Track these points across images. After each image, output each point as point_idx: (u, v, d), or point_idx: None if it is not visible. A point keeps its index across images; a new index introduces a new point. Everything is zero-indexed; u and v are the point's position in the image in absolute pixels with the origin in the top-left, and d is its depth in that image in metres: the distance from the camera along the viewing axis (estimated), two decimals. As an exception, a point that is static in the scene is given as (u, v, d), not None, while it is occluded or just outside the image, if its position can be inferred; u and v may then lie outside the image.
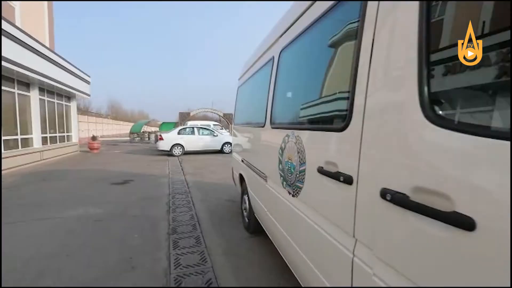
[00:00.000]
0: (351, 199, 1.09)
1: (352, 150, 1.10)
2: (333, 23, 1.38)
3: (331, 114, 1.38)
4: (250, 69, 3.66)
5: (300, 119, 1.77)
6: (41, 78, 9.11)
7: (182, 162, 10.29)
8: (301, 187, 1.59)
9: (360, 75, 1.06)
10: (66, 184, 6.38)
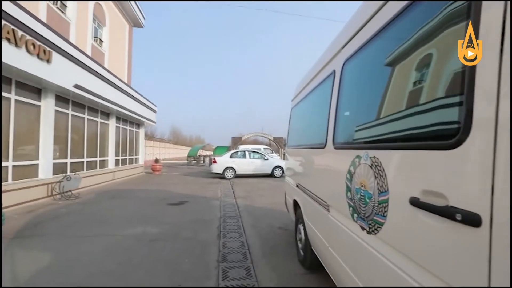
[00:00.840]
0: (477, 249, 0.73)
1: (474, 176, 0.76)
2: (422, 19, 1.11)
3: (429, 126, 1.03)
4: (305, 88, 3.48)
5: (377, 136, 1.45)
6: (119, 109, 10.63)
7: (234, 185, 10.37)
8: (382, 222, 1.24)
9: (482, 73, 0.76)
10: (130, 202, 6.90)
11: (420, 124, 1.08)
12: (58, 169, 7.53)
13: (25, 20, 5.48)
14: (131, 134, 14.04)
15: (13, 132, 6.00)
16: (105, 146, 10.96)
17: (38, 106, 6.80)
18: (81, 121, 9.06)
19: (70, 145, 8.31)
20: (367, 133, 1.57)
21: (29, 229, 4.44)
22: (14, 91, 6.01)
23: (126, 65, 14.73)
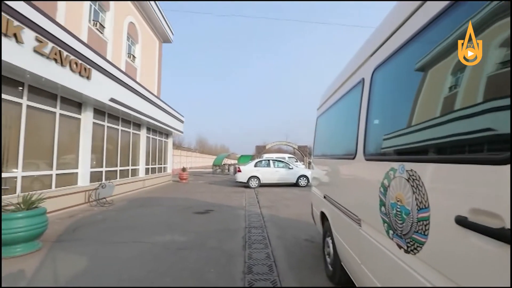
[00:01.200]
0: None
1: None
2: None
3: (480, 136, 0.92)
4: (332, 97, 3.40)
5: (414, 147, 1.35)
6: (150, 120, 11.22)
7: (258, 194, 10.32)
8: (423, 241, 1.14)
9: None
10: (159, 210, 7.14)
11: (468, 134, 0.97)
12: (94, 177, 8.05)
13: (70, 41, 6.05)
14: (160, 144, 14.68)
15: (57, 143, 6.55)
16: (136, 155, 11.55)
17: (78, 119, 7.40)
18: (115, 132, 9.67)
19: (105, 155, 8.87)
20: (402, 144, 1.48)
21: (68, 234, 4.75)
22: (59, 106, 6.61)
23: (156, 78, 15.58)
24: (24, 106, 5.59)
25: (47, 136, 6.32)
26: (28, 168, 5.72)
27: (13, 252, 3.71)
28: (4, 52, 4.42)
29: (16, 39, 4.61)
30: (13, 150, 5.38)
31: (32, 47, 4.96)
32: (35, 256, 3.69)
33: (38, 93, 5.97)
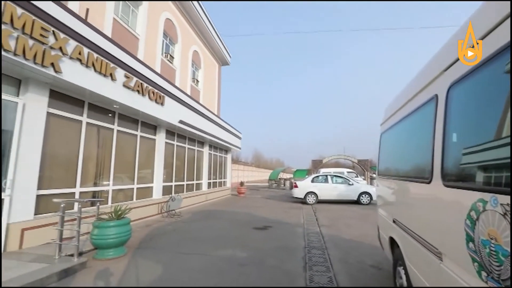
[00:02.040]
0: None
1: None
2: None
3: None
4: (398, 112, 3.17)
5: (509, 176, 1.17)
6: (212, 138, 12.17)
7: (316, 212, 9.96)
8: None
9: None
10: (221, 223, 7.53)
11: None
12: (165, 191, 9.01)
13: (148, 74, 7.12)
14: (220, 160, 15.65)
15: (138, 161, 7.63)
16: (200, 170, 12.53)
17: (154, 139, 8.51)
18: (183, 150, 10.74)
19: (174, 171, 9.90)
20: (494, 172, 1.29)
21: (146, 242, 5.40)
22: (139, 129, 7.75)
23: (216, 98, 16.89)
24: (115, 130, 6.74)
25: (130, 155, 7.42)
26: (116, 182, 6.78)
27: (106, 255, 4.39)
28: (102, 88, 5.48)
29: (111, 78, 5.68)
30: (106, 167, 6.48)
31: (122, 82, 6.03)
32: (122, 260, 4.29)
33: (124, 119, 7.12)
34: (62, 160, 5.32)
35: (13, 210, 4.26)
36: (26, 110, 4.45)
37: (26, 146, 4.45)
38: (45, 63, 4.22)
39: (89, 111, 5.87)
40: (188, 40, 12.83)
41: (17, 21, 3.82)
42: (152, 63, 9.21)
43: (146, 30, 9.13)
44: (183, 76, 12.13)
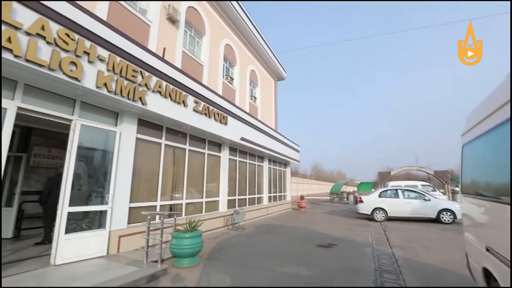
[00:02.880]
0: None
1: None
2: None
3: None
4: (487, 120, 2.77)
5: None
6: (271, 152, 12.50)
7: (387, 230, 9.06)
8: None
9: None
10: (283, 238, 7.55)
11: None
12: (230, 204, 9.55)
13: (213, 98, 7.88)
14: (279, 173, 15.80)
15: (206, 177, 8.35)
16: (261, 184, 12.89)
17: (219, 156, 9.22)
18: (244, 165, 11.28)
19: (237, 185, 10.44)
20: None
21: (215, 253, 5.80)
22: (207, 147, 8.53)
23: (273, 113, 17.33)
24: (187, 150, 7.59)
25: (199, 171, 8.19)
26: (188, 196, 7.55)
27: (182, 263, 4.89)
28: (176, 114, 6.30)
29: (183, 104, 6.51)
30: (180, 183, 7.30)
31: (192, 107, 6.84)
32: (196, 269, 4.72)
33: (194, 139, 7.97)
34: (146, 177, 6.25)
35: (113, 220, 5.18)
36: (122, 137, 5.45)
37: (122, 166, 5.41)
38: (135, 98, 5.14)
39: (166, 134, 6.80)
40: (245, 61, 13.70)
41: (117, 67, 4.80)
42: (214, 86, 10.14)
43: (209, 57, 10.16)
44: (242, 95, 12.92)
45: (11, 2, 3.43)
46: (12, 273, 3.95)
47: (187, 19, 9.11)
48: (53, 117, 4.50)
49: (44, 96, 4.35)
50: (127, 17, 6.67)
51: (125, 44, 5.04)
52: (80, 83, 4.19)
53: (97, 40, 4.50)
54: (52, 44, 3.84)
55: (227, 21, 11.92)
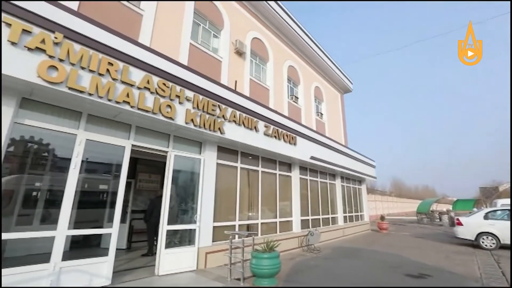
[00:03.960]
0: None
1: None
2: None
3: None
4: None
5: None
6: (343, 169, 11.97)
7: (501, 262, 7.33)
8: None
9: None
10: (364, 264, 6.97)
11: None
12: (303, 225, 9.44)
13: (281, 120, 8.21)
14: (354, 191, 14.81)
15: (278, 197, 8.56)
16: (334, 204, 12.33)
17: (289, 176, 9.36)
18: (315, 184, 11.08)
19: (310, 205, 10.27)
20: None
21: (292, 275, 5.79)
22: (278, 168, 8.81)
23: (341, 128, 16.66)
24: (259, 171, 8.02)
25: (272, 192, 8.47)
26: (263, 216, 7.85)
27: (262, 283, 5.06)
28: (249, 139, 6.81)
29: (255, 130, 7.01)
30: (255, 203, 7.69)
31: (263, 132, 7.30)
32: (276, 291, 4.82)
33: (266, 161, 8.36)
34: (226, 199, 6.83)
35: (201, 237, 5.83)
36: (205, 163, 6.21)
37: (206, 189, 6.12)
38: (215, 129, 5.86)
39: (241, 157, 7.39)
40: (309, 78, 13.84)
41: (200, 104, 5.62)
42: (280, 107, 10.54)
43: (273, 81, 10.71)
44: (308, 112, 12.96)
45: (128, 67, 4.52)
46: (127, 279, 4.86)
47: (252, 49, 9.95)
48: (154, 150, 5.52)
49: (148, 134, 5.41)
50: (203, 57, 7.76)
51: (205, 84, 5.88)
52: (174, 121, 5.08)
53: (185, 84, 5.41)
54: (154, 93, 4.82)
55: (288, 44, 12.45)
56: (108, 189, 5.08)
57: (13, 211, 4.14)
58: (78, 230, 4.36)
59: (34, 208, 4.38)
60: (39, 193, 4.48)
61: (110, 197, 4.94)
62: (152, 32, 6.51)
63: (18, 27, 3.43)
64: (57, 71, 3.70)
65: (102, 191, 5.48)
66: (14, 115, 3.75)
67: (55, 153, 4.44)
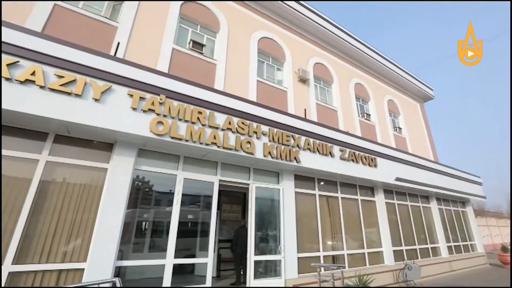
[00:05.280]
0: None
1: None
2: None
3: None
4: None
5: None
6: (437, 190, 10.30)
7: None
8: None
9: None
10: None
11: None
12: (397, 257, 8.29)
13: (356, 142, 7.82)
14: (456, 215, 12.37)
15: (363, 224, 7.87)
16: (432, 231, 10.51)
17: (373, 201, 8.57)
18: (405, 208, 9.78)
19: (401, 233, 9.04)
20: None
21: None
22: (358, 193, 8.23)
23: (427, 141, 14.63)
24: (339, 198, 7.64)
25: (355, 219, 7.88)
26: (349, 247, 7.29)
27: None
28: (324, 165, 6.67)
29: (330, 155, 6.87)
30: (338, 232, 7.26)
31: (338, 156, 7.07)
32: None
33: (345, 186, 7.95)
34: (307, 228, 6.68)
35: (286, 269, 5.77)
36: (284, 192, 6.33)
37: (287, 219, 6.15)
38: (291, 159, 6.00)
39: (318, 184, 7.24)
40: (379, 93, 12.96)
41: (275, 137, 5.91)
42: (351, 128, 10.06)
43: (340, 101, 10.43)
44: (383, 129, 11.95)
45: (213, 112, 5.20)
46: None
47: (315, 74, 10.08)
48: (238, 183, 5.97)
49: (231, 169, 5.93)
50: (270, 91, 8.26)
51: (278, 117, 6.21)
52: (253, 156, 5.46)
53: (260, 120, 5.84)
54: (235, 132, 5.36)
55: (352, 62, 12.15)
56: (199, 219, 5.66)
57: (130, 240, 5.00)
58: (183, 259, 4.95)
59: (144, 237, 5.21)
60: (147, 224, 5.32)
61: (201, 227, 5.50)
62: (225, 77, 7.38)
63: (136, 96, 4.44)
64: (162, 125, 4.56)
65: (195, 222, 6.14)
66: (134, 163, 4.70)
67: (160, 190, 5.31)
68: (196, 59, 7.10)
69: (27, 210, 3.74)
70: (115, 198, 4.33)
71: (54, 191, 4.04)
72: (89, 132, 4.27)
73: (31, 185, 3.85)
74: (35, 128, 4.08)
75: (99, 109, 4.10)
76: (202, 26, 7.71)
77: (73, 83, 3.97)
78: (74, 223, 4.05)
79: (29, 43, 3.82)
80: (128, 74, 4.49)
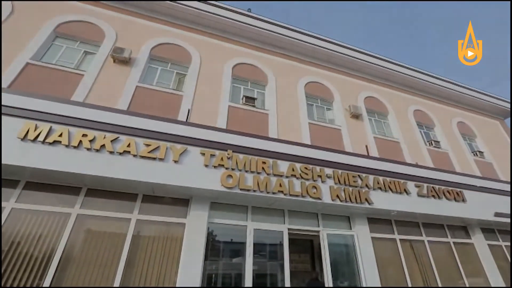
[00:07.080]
0: None
1: None
2: None
3: None
4: None
5: None
6: None
7: None
8: None
9: None
10: None
11: None
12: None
13: (432, 175, 6.96)
14: None
15: (463, 273, 6.48)
16: None
17: (470, 243, 7.14)
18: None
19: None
20: None
21: None
22: (449, 235, 7.00)
23: None
24: (425, 242, 6.58)
25: (451, 266, 6.53)
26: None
27: None
28: (400, 205, 5.98)
29: (405, 193, 6.20)
30: (433, 283, 6.07)
31: (415, 193, 6.33)
32: None
33: (430, 227, 6.89)
34: (392, 279, 5.78)
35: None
36: (359, 239, 5.77)
37: (367, 268, 5.47)
38: (362, 200, 5.59)
39: (397, 227, 6.44)
40: (445, 116, 11.77)
41: (341, 179, 5.67)
42: (420, 159, 9.08)
43: (400, 131, 9.69)
44: (459, 155, 10.49)
45: (276, 161, 5.33)
46: None
47: (367, 108, 9.77)
48: (307, 231, 5.69)
49: (299, 216, 5.75)
50: (323, 131, 8.17)
51: (338, 157, 6.04)
52: (321, 201, 5.26)
53: (322, 163, 5.74)
54: (299, 178, 5.33)
55: (406, 90, 11.55)
56: (268, 271, 5.38)
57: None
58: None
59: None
60: (218, 276, 5.25)
61: (270, 279, 5.21)
62: (277, 124, 7.64)
63: (208, 154, 4.88)
64: (232, 178, 4.82)
65: (265, 274, 5.86)
66: (208, 216, 4.93)
67: (231, 241, 5.33)
68: (250, 112, 7.63)
69: (123, 262, 4.15)
70: (194, 250, 4.52)
71: (142, 245, 4.43)
72: (170, 190, 4.74)
73: (125, 240, 4.32)
74: (127, 190, 4.70)
75: (178, 169, 4.59)
76: (252, 82, 8.44)
77: (157, 149, 4.60)
78: (160, 274, 4.29)
79: (123, 121, 4.67)
80: (199, 135, 5.04)
